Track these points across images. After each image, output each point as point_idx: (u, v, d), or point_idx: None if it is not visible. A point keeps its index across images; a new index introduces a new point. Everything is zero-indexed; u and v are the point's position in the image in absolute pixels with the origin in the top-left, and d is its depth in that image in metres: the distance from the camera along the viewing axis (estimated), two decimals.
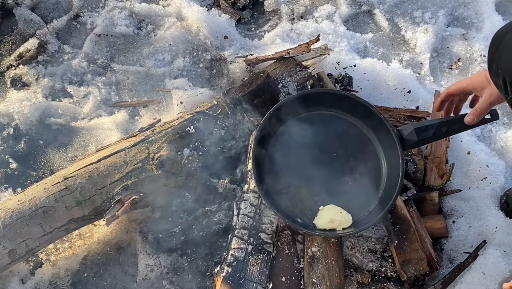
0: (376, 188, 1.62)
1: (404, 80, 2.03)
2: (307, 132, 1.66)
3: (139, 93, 2.06)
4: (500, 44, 1.15)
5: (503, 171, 1.85)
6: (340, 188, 1.61)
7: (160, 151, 1.60)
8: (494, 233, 1.69)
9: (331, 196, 1.59)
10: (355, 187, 1.62)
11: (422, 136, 1.54)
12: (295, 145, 1.65)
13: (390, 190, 1.57)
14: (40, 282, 1.61)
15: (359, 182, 1.62)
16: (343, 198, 1.59)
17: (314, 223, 1.55)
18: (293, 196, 1.60)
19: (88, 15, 2.25)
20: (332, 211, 1.56)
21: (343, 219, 1.54)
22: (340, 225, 1.53)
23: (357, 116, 1.69)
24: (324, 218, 1.55)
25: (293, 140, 1.65)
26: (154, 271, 1.64)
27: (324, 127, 1.69)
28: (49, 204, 1.50)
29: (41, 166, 1.88)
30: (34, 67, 2.09)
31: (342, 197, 1.59)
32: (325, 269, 1.53)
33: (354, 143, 1.67)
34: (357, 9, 2.35)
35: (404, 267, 1.56)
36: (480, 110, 1.44)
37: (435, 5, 2.32)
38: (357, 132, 1.69)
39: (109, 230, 1.70)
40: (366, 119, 1.67)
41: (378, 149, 1.67)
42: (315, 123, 1.68)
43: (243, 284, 1.48)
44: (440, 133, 1.53)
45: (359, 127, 1.69)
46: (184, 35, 2.16)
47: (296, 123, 1.67)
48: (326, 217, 1.54)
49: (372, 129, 1.68)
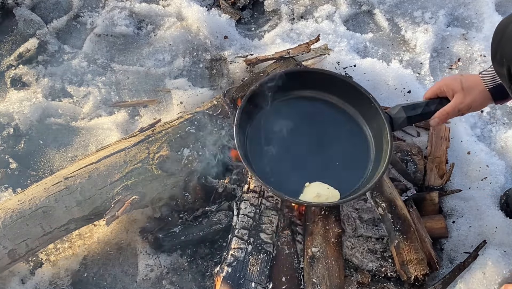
0: (364, 168, 1.62)
1: (404, 80, 2.03)
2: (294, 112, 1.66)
3: (139, 93, 2.06)
4: (504, 34, 1.15)
5: (503, 171, 1.85)
6: (327, 166, 1.61)
7: (160, 151, 1.60)
8: (494, 233, 1.69)
9: (317, 174, 1.58)
10: (342, 166, 1.62)
11: (410, 114, 1.54)
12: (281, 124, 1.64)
13: (376, 170, 1.57)
14: (40, 282, 1.61)
15: (346, 162, 1.62)
16: (330, 176, 1.58)
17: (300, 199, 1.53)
18: (277, 173, 1.58)
19: (88, 15, 2.25)
20: (319, 187, 1.54)
21: (330, 194, 1.52)
22: (328, 199, 1.51)
23: (344, 98, 1.69)
24: (310, 193, 1.53)
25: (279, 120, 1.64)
26: (154, 271, 1.64)
27: (312, 110, 1.69)
28: (49, 204, 1.50)
29: (41, 166, 1.88)
30: (34, 67, 2.09)
31: (329, 175, 1.58)
32: (325, 269, 1.53)
33: (342, 125, 1.68)
34: (357, 9, 2.35)
35: (404, 267, 1.56)
36: (447, 114, 1.47)
37: (435, 5, 2.32)
38: (345, 114, 1.69)
39: (109, 230, 1.70)
40: (354, 100, 1.67)
41: (365, 130, 1.67)
42: (302, 106, 1.69)
43: (243, 284, 1.48)
44: (429, 112, 1.52)
45: (346, 109, 1.69)
46: (184, 35, 2.16)
47: (281, 104, 1.67)
48: (312, 192, 1.52)
49: (359, 110, 1.68)
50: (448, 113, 1.47)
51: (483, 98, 1.41)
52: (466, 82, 1.43)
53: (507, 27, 1.15)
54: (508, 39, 1.14)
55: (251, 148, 1.61)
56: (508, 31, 1.14)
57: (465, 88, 1.42)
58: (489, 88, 1.39)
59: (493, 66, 1.24)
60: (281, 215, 1.63)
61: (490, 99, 1.42)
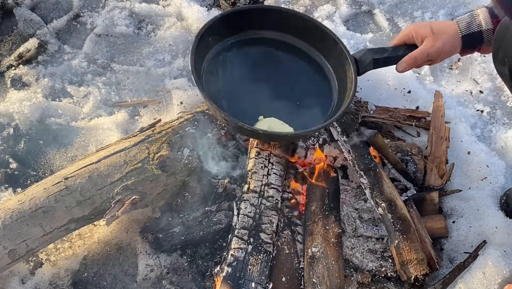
0: (325, 110, 1.59)
1: (404, 80, 2.03)
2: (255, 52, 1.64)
3: (139, 93, 2.06)
4: (507, 33, 1.15)
5: (503, 171, 1.85)
6: (286, 107, 1.57)
7: (160, 151, 1.60)
8: (494, 233, 1.69)
9: (274, 111, 1.54)
10: (302, 107, 1.58)
11: (376, 56, 1.47)
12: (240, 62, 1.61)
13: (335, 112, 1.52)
14: (40, 282, 1.60)
15: (306, 103, 1.59)
16: (288, 116, 1.54)
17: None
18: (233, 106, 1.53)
19: (88, 15, 2.25)
20: (272, 122, 1.49)
21: (283, 130, 1.47)
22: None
23: (307, 40, 1.65)
24: (262, 126, 1.48)
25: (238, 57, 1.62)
26: (154, 271, 1.64)
27: (274, 51, 1.66)
28: (49, 204, 1.50)
29: (41, 166, 1.88)
30: (34, 67, 2.09)
31: (287, 114, 1.54)
32: (325, 269, 1.53)
33: (304, 67, 1.65)
34: (357, 9, 2.35)
35: (404, 267, 1.56)
36: (415, 59, 1.39)
37: (435, 5, 2.33)
38: (308, 56, 1.66)
39: (109, 230, 1.70)
40: (318, 42, 1.63)
41: (328, 72, 1.63)
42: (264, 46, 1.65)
43: (243, 284, 1.48)
44: (396, 56, 1.45)
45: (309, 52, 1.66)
46: (184, 35, 2.16)
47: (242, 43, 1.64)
48: (264, 125, 1.48)
49: (322, 53, 1.64)
50: (416, 57, 1.39)
51: (453, 42, 1.34)
52: (437, 27, 1.36)
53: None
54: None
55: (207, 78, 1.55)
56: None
57: (436, 32, 1.35)
58: (462, 34, 1.32)
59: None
60: (281, 215, 1.63)
61: (460, 45, 1.34)
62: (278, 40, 1.68)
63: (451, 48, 1.35)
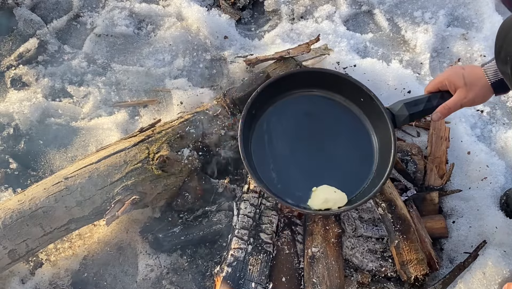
0: (369, 166, 1.61)
1: (404, 80, 2.03)
2: (296, 113, 1.65)
3: (139, 93, 2.06)
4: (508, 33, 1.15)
5: (503, 171, 1.85)
6: (332, 168, 1.59)
7: (160, 151, 1.60)
8: (494, 233, 1.69)
9: (323, 176, 1.57)
10: (347, 166, 1.60)
11: (412, 111, 1.53)
12: (283, 126, 1.63)
13: (382, 168, 1.56)
14: (40, 282, 1.61)
15: (351, 162, 1.61)
16: (336, 178, 1.57)
17: (308, 204, 1.52)
18: (284, 179, 1.57)
19: (88, 15, 2.25)
20: (326, 191, 1.53)
21: (337, 197, 1.51)
22: (335, 204, 1.51)
23: (346, 96, 1.67)
24: (318, 199, 1.52)
25: (281, 122, 1.64)
26: (154, 271, 1.64)
27: (314, 108, 1.67)
28: (49, 204, 1.50)
29: (41, 166, 1.88)
30: (34, 67, 2.09)
31: (335, 177, 1.57)
32: (325, 269, 1.53)
33: (345, 124, 1.66)
34: (357, 9, 2.35)
35: (404, 267, 1.56)
36: (449, 109, 1.46)
37: (435, 5, 2.32)
38: (347, 112, 1.67)
39: (109, 230, 1.70)
40: (356, 98, 1.66)
41: (369, 128, 1.66)
42: (304, 104, 1.67)
43: (243, 284, 1.48)
44: (431, 107, 1.51)
45: (348, 107, 1.68)
46: (184, 35, 2.16)
47: (283, 104, 1.66)
48: (320, 197, 1.51)
49: (362, 108, 1.66)
50: (450, 108, 1.46)
51: (485, 92, 1.40)
52: (469, 77, 1.41)
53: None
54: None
55: (256, 154, 1.59)
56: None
57: (468, 83, 1.41)
58: (491, 82, 1.38)
59: (497, 65, 1.24)
60: (281, 215, 1.63)
61: (492, 92, 1.41)
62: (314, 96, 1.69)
63: (483, 97, 1.43)
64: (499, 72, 1.34)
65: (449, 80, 1.45)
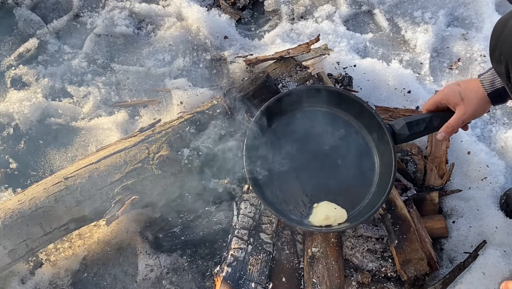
0: (369, 183, 1.62)
1: (404, 80, 2.03)
2: (298, 129, 1.66)
3: (139, 93, 2.06)
4: (503, 31, 1.15)
5: (503, 171, 1.85)
6: (333, 184, 1.61)
7: (160, 151, 1.60)
8: (494, 233, 1.69)
9: (324, 192, 1.59)
10: (348, 182, 1.62)
11: (413, 131, 1.53)
12: (286, 142, 1.64)
13: (383, 184, 1.57)
14: (40, 282, 1.61)
15: (352, 178, 1.62)
16: (337, 194, 1.59)
17: (309, 220, 1.54)
18: (286, 194, 1.59)
19: (88, 15, 2.25)
20: (327, 208, 1.56)
21: (338, 214, 1.54)
22: (336, 220, 1.53)
23: (349, 112, 1.68)
24: (319, 215, 1.54)
25: (284, 138, 1.65)
26: (154, 271, 1.64)
27: (315, 124, 1.68)
28: (49, 204, 1.50)
29: (41, 166, 1.88)
30: (34, 67, 2.09)
31: (336, 193, 1.59)
32: (325, 269, 1.53)
33: (346, 140, 1.67)
34: (357, 9, 2.35)
35: (404, 267, 1.56)
36: (452, 127, 1.46)
37: (435, 5, 2.33)
38: (349, 128, 1.68)
39: (109, 230, 1.70)
40: (358, 114, 1.67)
41: (370, 144, 1.66)
42: (306, 120, 1.68)
43: (243, 284, 1.48)
44: (432, 128, 1.52)
45: (350, 123, 1.69)
46: (184, 35, 2.16)
47: (287, 120, 1.67)
48: (321, 214, 1.54)
49: (363, 125, 1.67)
50: (453, 126, 1.46)
51: (483, 104, 1.40)
52: (465, 93, 1.41)
53: (506, 24, 1.15)
54: (506, 36, 1.14)
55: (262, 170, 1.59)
56: (507, 29, 1.14)
57: (465, 99, 1.41)
58: (488, 93, 1.38)
59: (492, 64, 1.24)
60: None
61: (490, 103, 1.41)
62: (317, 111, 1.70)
63: (482, 110, 1.43)
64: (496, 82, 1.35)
65: (446, 99, 1.46)
